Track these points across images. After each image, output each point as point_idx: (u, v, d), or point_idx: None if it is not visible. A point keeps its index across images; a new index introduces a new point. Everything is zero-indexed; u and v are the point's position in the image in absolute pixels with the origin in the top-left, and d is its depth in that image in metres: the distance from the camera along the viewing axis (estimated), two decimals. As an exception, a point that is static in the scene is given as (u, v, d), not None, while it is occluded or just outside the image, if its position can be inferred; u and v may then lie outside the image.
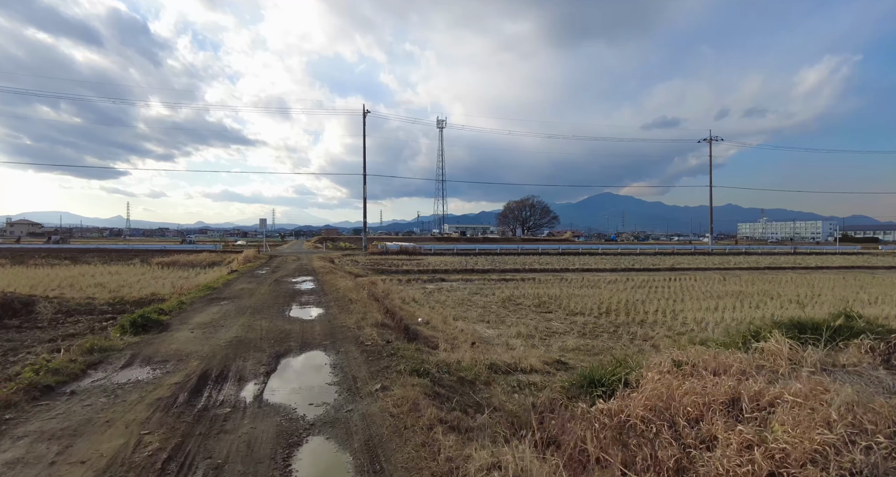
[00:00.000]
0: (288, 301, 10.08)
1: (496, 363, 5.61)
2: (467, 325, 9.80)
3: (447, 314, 11.25)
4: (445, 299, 14.00)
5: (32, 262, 25.09)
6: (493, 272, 25.57)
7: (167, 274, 21.54)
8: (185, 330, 6.92)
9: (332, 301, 10.01)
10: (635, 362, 4.49)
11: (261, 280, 14.92)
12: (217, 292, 11.53)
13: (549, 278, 21.01)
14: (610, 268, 28.40)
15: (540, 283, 19.14)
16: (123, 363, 5.04)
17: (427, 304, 13.13)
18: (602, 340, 8.72)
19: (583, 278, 20.70)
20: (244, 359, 5.24)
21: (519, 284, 18.76)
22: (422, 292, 15.68)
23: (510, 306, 12.90)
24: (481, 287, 17.53)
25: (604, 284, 18.95)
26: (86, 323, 10.69)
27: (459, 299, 14.05)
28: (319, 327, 7.00)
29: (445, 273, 24.77)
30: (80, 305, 11.92)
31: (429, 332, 8.54)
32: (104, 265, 24.92)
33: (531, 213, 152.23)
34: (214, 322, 7.53)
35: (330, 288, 12.39)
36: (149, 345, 5.91)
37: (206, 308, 8.99)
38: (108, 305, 12.12)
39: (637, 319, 10.89)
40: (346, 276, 16.13)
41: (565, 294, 15.12)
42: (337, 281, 13.73)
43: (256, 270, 19.49)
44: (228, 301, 10.03)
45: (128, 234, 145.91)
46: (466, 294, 15.41)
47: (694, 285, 18.33)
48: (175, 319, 7.84)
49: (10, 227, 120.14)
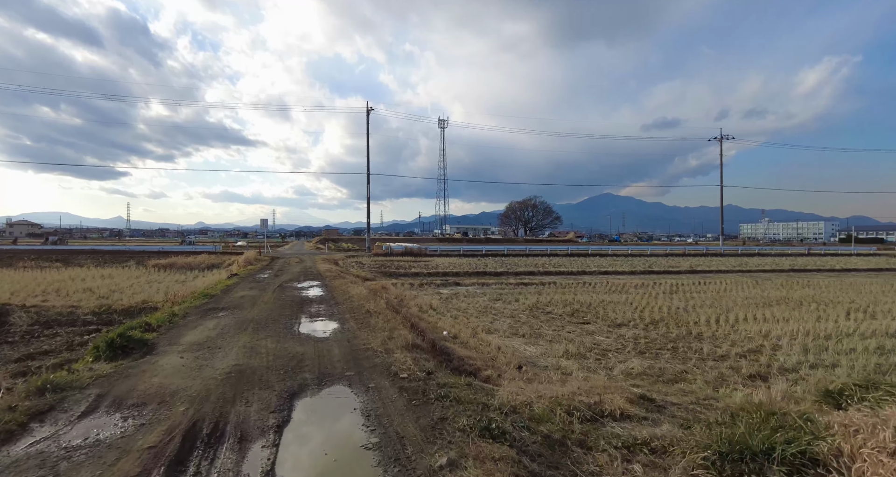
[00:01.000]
0: (296, 312, 8.77)
1: (574, 405, 4.30)
2: (501, 340, 8.50)
3: (474, 326, 9.96)
4: (466, 307, 12.71)
5: (22, 264, 23.80)
6: (506, 275, 24.26)
7: (163, 277, 20.23)
8: (174, 354, 5.60)
9: (347, 312, 8.69)
10: (808, 422, 3.18)
11: (263, 286, 13.61)
12: (215, 301, 10.22)
13: (570, 282, 19.69)
14: (628, 270, 27.08)
15: (562, 287, 17.83)
16: (84, 409, 3.73)
17: (447, 312, 11.84)
18: (666, 360, 7.42)
19: (607, 283, 19.38)
20: (247, 401, 3.93)
21: (540, 288, 17.44)
22: (438, 299, 14.39)
23: (540, 315, 11.61)
24: (500, 292, 16.22)
25: (631, 288, 17.63)
26: (64, 337, 9.38)
27: (482, 307, 12.75)
28: (338, 350, 5.68)
29: (457, 276, 23.47)
30: (60, 316, 10.63)
31: (463, 351, 7.22)
32: (97, 268, 23.62)
33: (534, 214, 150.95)
34: (210, 342, 6.21)
35: (341, 295, 11.07)
36: (124, 378, 4.59)
37: (200, 322, 7.68)
38: (93, 315, 10.83)
39: (691, 331, 9.58)
40: (355, 280, 14.81)
41: (596, 301, 13.82)
42: (347, 287, 12.42)
43: (258, 273, 18.18)
44: (227, 312, 8.73)
45: (128, 234, 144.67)
46: (487, 301, 14.11)
47: (729, 290, 17.00)
48: (163, 338, 6.52)
49: (10, 227, 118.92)
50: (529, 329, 9.82)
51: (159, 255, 31.88)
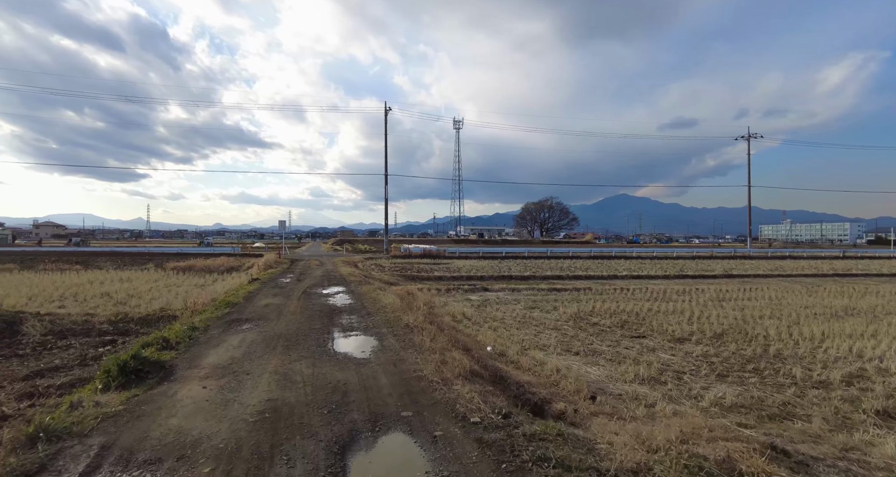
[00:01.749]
0: (326, 325, 7.92)
1: (699, 464, 3.33)
2: (555, 359, 7.52)
3: (519, 340, 9.01)
4: (503, 316, 11.75)
5: (43, 266, 23.61)
6: (534, 279, 23.24)
7: (182, 281, 19.71)
8: (195, 381, 4.78)
9: (383, 326, 7.80)
10: None
11: (287, 292, 12.85)
12: (238, 311, 9.45)
13: (604, 288, 18.56)
14: (661, 274, 25.79)
15: (599, 294, 16.74)
16: (83, 470, 2.91)
17: (484, 322, 10.92)
18: (756, 387, 6.36)
19: (646, 289, 18.20)
20: (288, 459, 3.05)
21: (575, 295, 16.38)
22: (469, 306, 13.47)
23: (587, 327, 10.59)
24: (534, 299, 15.22)
25: (674, 295, 16.46)
26: (78, 349, 8.71)
27: (519, 316, 11.78)
28: (386, 378, 4.79)
29: (482, 280, 22.54)
30: (75, 324, 9.98)
31: (520, 374, 6.28)
32: (116, 271, 23.28)
33: (550, 215, 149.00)
34: (236, 365, 5.38)
35: (372, 304, 10.21)
36: (135, 419, 3.77)
37: (224, 337, 6.88)
38: (109, 324, 10.17)
39: (767, 349, 8.46)
40: (382, 286, 13.97)
41: (643, 310, 12.73)
42: (376, 294, 11.57)
43: (279, 277, 17.49)
44: (252, 325, 7.93)
45: (148, 235, 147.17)
46: (523, 309, 13.14)
47: (782, 298, 15.69)
48: (182, 358, 5.72)
49: (36, 229, 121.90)
50: (581, 344, 8.83)
51: (178, 257, 31.63)
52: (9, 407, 5.75)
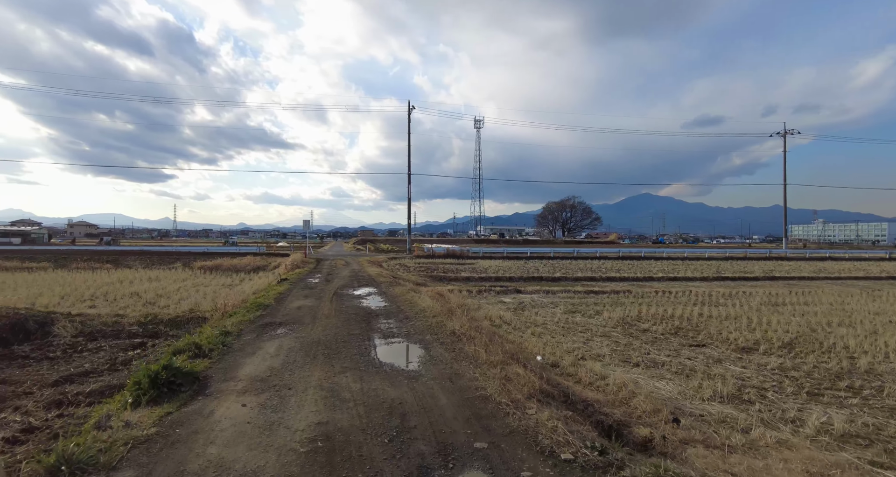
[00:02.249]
0: (365, 330, 7.39)
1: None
2: (615, 371, 6.81)
3: (568, 348, 8.32)
4: (544, 321, 11.05)
5: (75, 265, 23.97)
6: (564, 281, 22.40)
7: (209, 280, 19.61)
8: (232, 396, 4.28)
9: (427, 332, 7.23)
10: None
11: (318, 293, 12.44)
12: (270, 313, 9.02)
13: (644, 290, 17.60)
14: (698, 276, 24.56)
15: (640, 297, 15.84)
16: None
17: (525, 327, 10.24)
18: (857, 408, 5.53)
19: (688, 292, 17.19)
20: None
21: (615, 298, 15.52)
22: (504, 309, 12.81)
23: (639, 334, 9.81)
24: (572, 302, 14.44)
25: (720, 298, 15.44)
26: (108, 352, 8.41)
27: (561, 321, 11.06)
28: (445, 397, 4.19)
29: (511, 281, 21.82)
30: (105, 326, 9.73)
31: (585, 391, 5.61)
32: (145, 270, 23.44)
33: (572, 215, 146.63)
34: (275, 377, 4.87)
35: (409, 308, 9.66)
36: (169, 446, 3.25)
37: (259, 344, 6.42)
38: (138, 326, 9.90)
39: (855, 362, 7.54)
40: (414, 288, 13.42)
41: (693, 315, 11.84)
42: (410, 297, 11.02)
43: (307, 277, 17.15)
44: (287, 329, 7.46)
45: (174, 235, 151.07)
46: (562, 313, 12.41)
47: (845, 304, 14.49)
48: (217, 368, 5.24)
49: (71, 228, 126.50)
50: (638, 354, 8.08)
51: (205, 256, 31.85)
52: (37, 417, 5.39)
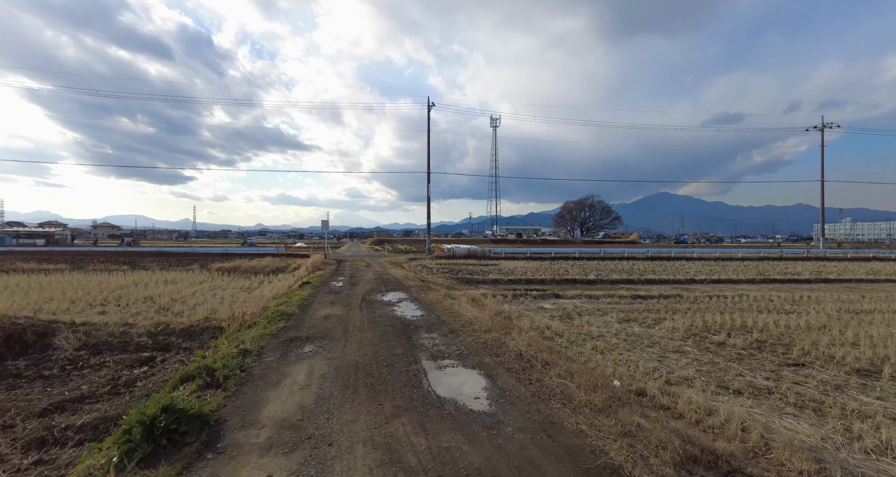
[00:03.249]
0: (408, 348, 6.18)
1: None
2: (716, 401, 5.46)
3: (645, 368, 6.99)
4: (599, 332, 9.70)
5: (91, 267, 23.44)
6: (601, 284, 20.91)
7: (227, 283, 18.72)
8: (252, 461, 3.08)
9: (484, 353, 5.95)
10: None
11: (345, 299, 11.31)
12: (294, 324, 7.89)
13: (693, 294, 16.02)
14: (744, 278, 22.78)
15: (693, 302, 14.33)
16: None
17: (581, 340, 8.93)
18: None
19: (743, 296, 15.58)
20: None
21: (666, 304, 14.04)
22: (548, 316, 11.51)
23: (715, 349, 8.41)
24: (621, 308, 13.04)
25: (785, 304, 13.84)
26: (111, 369, 7.36)
27: (620, 333, 9.70)
28: (554, 469, 2.93)
29: (543, 284, 20.44)
30: (112, 337, 8.73)
31: (714, 441, 4.27)
32: (162, 271, 22.73)
33: (591, 214, 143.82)
34: (308, 420, 3.68)
35: (451, 318, 8.42)
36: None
37: (283, 367, 5.25)
38: (148, 337, 8.88)
39: None
40: (449, 293, 12.18)
41: (769, 324, 10.33)
42: (448, 305, 9.79)
43: (330, 279, 16.08)
44: (316, 346, 6.30)
45: (194, 235, 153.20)
46: (616, 321, 11.05)
47: (935, 311, 12.75)
48: (232, 407, 4.08)
49: (94, 229, 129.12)
50: (731, 376, 6.70)
51: (223, 257, 31.18)
52: (9, 464, 4.30)
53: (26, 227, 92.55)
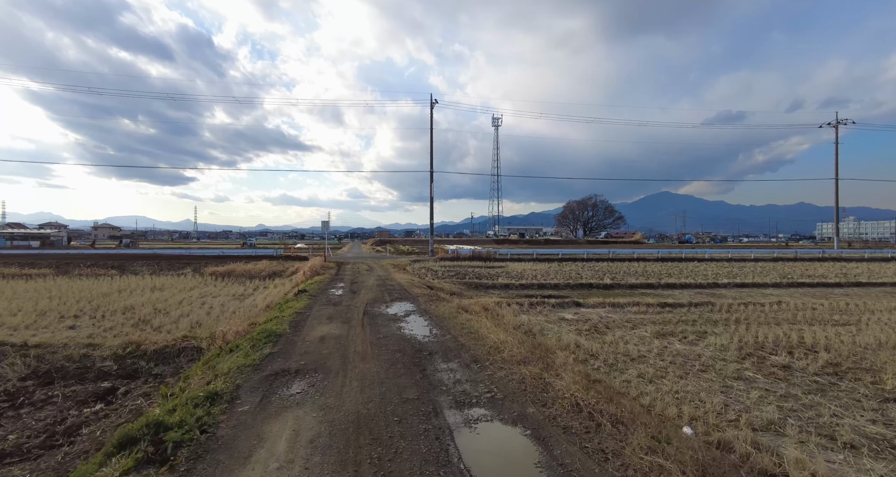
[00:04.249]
0: (424, 389, 4.74)
1: None
2: (835, 464, 4.12)
3: (712, 405, 5.67)
4: (638, 351, 8.36)
5: (77, 272, 22.13)
6: (618, 288, 19.59)
7: (220, 289, 17.43)
8: None
9: (528, 401, 4.48)
10: None
11: (344, 312, 9.99)
12: (283, 349, 6.55)
13: (725, 302, 14.63)
14: (770, 282, 21.38)
15: (728, 311, 12.97)
16: None
17: (618, 362, 7.63)
18: None
19: (782, 304, 14.20)
20: None
21: (700, 313, 12.68)
22: (574, 330, 10.22)
23: (781, 374, 7.09)
24: (650, 319, 11.71)
25: (836, 313, 12.48)
26: (58, 406, 6.02)
27: (663, 353, 8.37)
28: None
29: (557, 289, 19.12)
30: (69, 361, 7.41)
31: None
32: (152, 276, 21.45)
33: (594, 214, 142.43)
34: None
35: (471, 339, 7.06)
36: None
37: (259, 427, 3.86)
38: (113, 360, 7.56)
39: None
40: (463, 306, 10.83)
41: (831, 340, 8.98)
42: (464, 320, 8.45)
43: (328, 286, 14.76)
44: (306, 384, 4.94)
45: (195, 236, 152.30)
46: (651, 336, 9.73)
47: None
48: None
49: (95, 230, 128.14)
50: (826, 419, 5.36)
51: (218, 260, 29.85)
52: None
53: (26, 229, 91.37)
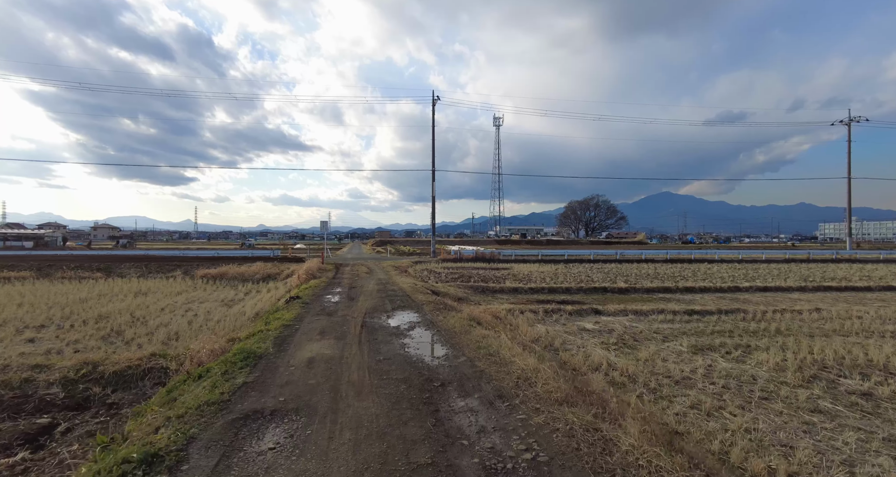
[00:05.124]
0: (437, 443, 3.36)
1: None
2: None
3: (802, 452, 4.43)
4: (677, 372, 7.16)
5: (60, 274, 20.94)
6: (634, 292, 18.40)
7: (209, 294, 16.24)
8: None
9: (583, 465, 3.32)
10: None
11: (339, 324, 8.77)
12: (260, 379, 5.30)
13: (758, 308, 13.37)
14: (795, 285, 20.14)
15: (761, 320, 11.75)
16: None
17: (660, 387, 6.46)
18: None
19: (818, 312, 12.97)
20: None
21: (733, 322, 11.46)
22: (600, 344, 9.06)
23: (871, 406, 5.88)
24: (679, 330, 10.51)
25: (886, 323, 11.25)
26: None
27: (707, 373, 7.17)
28: None
29: (568, 293, 17.92)
30: (6, 388, 6.20)
31: None
32: (139, 279, 20.25)
33: (596, 214, 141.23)
34: None
35: (489, 362, 5.82)
36: None
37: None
38: (61, 386, 6.35)
39: None
40: (475, 317, 9.61)
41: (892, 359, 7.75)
42: (479, 336, 7.23)
43: (324, 292, 13.55)
44: (283, 436, 3.64)
45: (195, 236, 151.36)
46: (687, 351, 8.55)
47: None
48: None
49: (94, 230, 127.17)
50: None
51: (211, 262, 28.63)
52: None
53: (24, 229, 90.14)
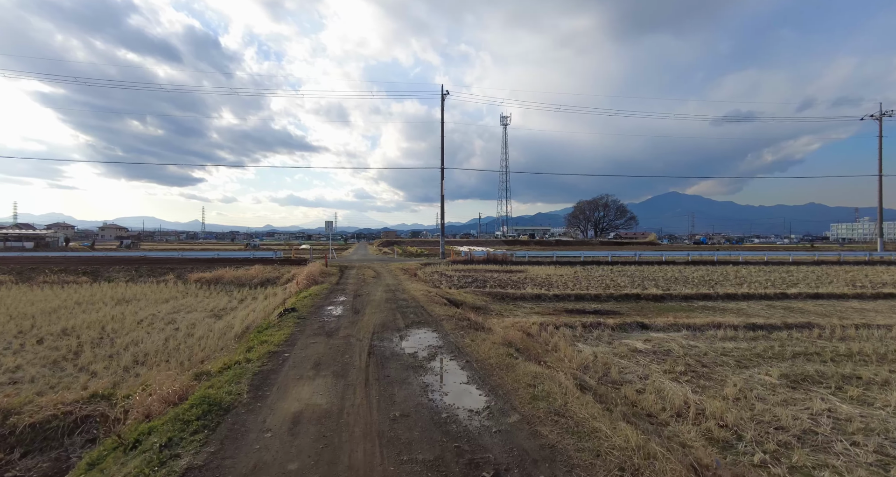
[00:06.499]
0: None
1: None
2: None
3: None
4: (788, 420, 5.39)
5: (42, 279, 19.36)
6: (671, 299, 16.56)
7: (199, 301, 14.58)
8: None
9: None
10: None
11: (340, 352, 6.96)
12: (216, 453, 3.57)
13: (828, 321, 11.44)
14: (851, 293, 18.10)
15: (843, 338, 9.88)
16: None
17: (778, 450, 4.65)
18: None
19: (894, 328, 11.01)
20: None
21: (810, 340, 9.58)
22: (668, 377, 7.27)
23: None
24: (747, 349, 8.66)
25: None
26: None
27: (839, 430, 5.36)
28: None
29: (598, 301, 16.11)
30: None
31: None
32: (127, 284, 18.64)
33: (605, 214, 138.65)
34: None
35: (552, 421, 4.01)
36: None
37: None
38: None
39: None
40: (513, 347, 7.80)
41: None
42: (525, 373, 5.42)
43: (326, 302, 11.80)
44: None
45: (202, 237, 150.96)
46: (781, 384, 6.75)
47: None
48: None
49: (102, 231, 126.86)
50: None
51: (209, 264, 27.00)
52: None
53: (34, 229, 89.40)
